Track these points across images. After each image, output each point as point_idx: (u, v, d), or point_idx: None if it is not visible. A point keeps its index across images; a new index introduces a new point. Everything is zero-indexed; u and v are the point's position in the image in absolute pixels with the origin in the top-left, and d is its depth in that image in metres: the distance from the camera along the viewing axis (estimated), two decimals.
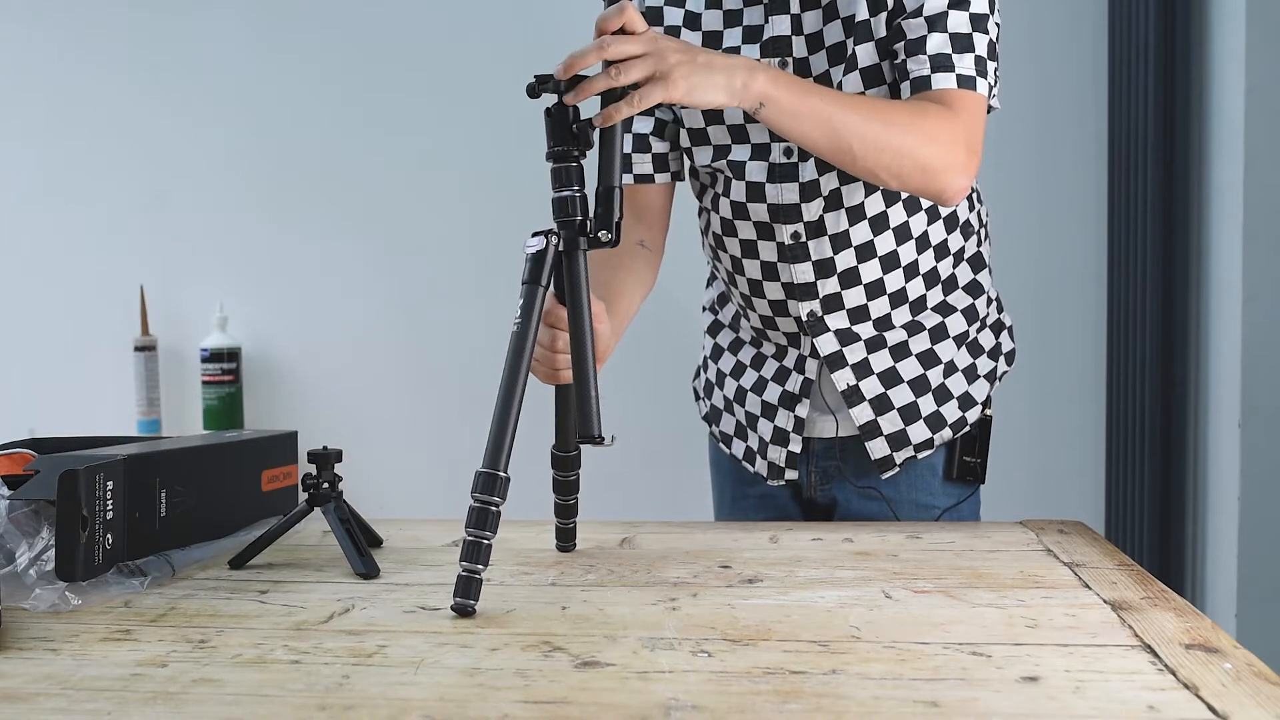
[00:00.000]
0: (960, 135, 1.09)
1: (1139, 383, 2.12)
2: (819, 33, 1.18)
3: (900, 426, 1.27)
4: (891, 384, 1.27)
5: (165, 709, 0.69)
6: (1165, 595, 0.92)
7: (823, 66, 1.18)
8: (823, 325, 1.26)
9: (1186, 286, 2.09)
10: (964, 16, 1.12)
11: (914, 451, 1.28)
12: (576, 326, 0.96)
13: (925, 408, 1.27)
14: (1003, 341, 1.34)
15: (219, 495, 1.15)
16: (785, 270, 1.25)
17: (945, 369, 1.28)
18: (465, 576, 0.89)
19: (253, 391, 2.49)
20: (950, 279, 1.29)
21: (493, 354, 2.80)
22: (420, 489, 2.37)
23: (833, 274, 1.24)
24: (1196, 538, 2.08)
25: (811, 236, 1.23)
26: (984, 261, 1.33)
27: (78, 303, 2.53)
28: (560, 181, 0.97)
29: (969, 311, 1.30)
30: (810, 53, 1.19)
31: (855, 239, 1.22)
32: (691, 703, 0.68)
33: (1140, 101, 2.08)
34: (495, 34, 2.39)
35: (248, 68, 2.46)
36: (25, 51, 2.51)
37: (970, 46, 1.12)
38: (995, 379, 1.32)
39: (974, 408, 1.30)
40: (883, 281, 1.25)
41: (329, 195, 2.46)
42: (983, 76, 1.13)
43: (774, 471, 1.32)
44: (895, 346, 1.27)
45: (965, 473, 1.31)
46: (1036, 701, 0.68)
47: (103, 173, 2.51)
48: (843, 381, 1.26)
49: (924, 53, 1.12)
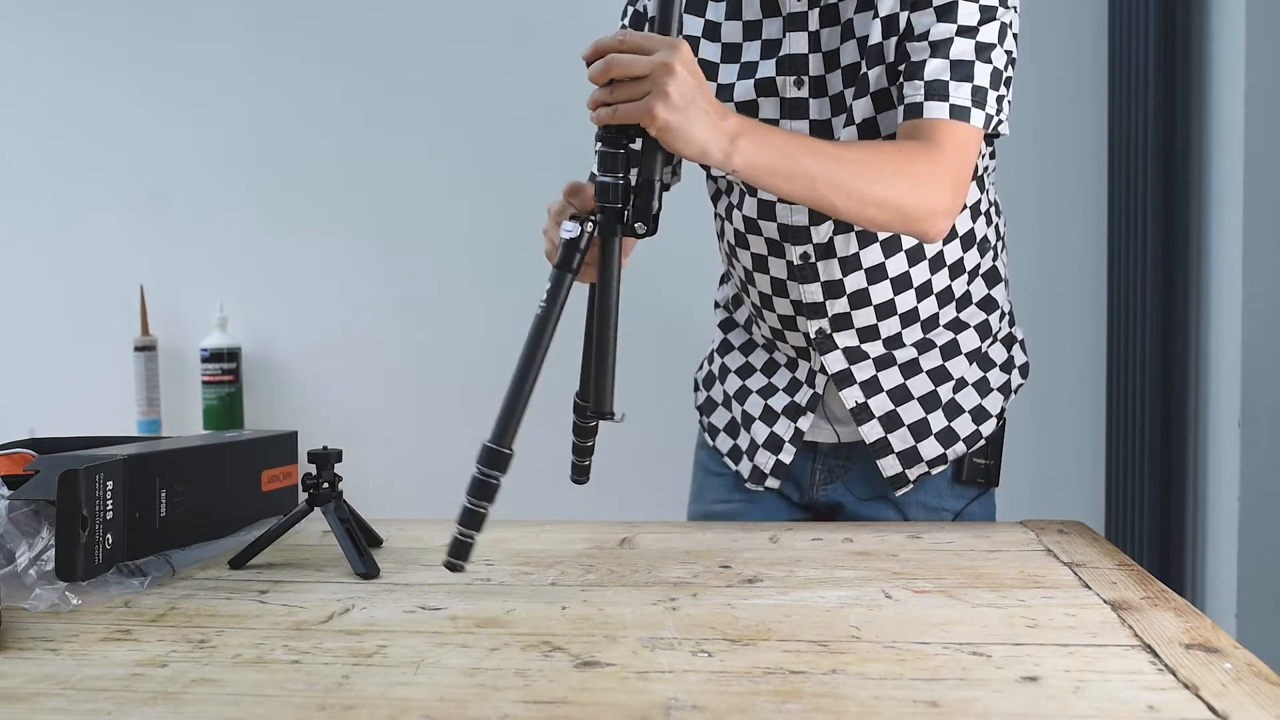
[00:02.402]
0: (944, 177, 1.08)
1: (1139, 383, 2.12)
2: (835, 51, 1.16)
3: (911, 443, 1.26)
4: (901, 401, 1.25)
5: (165, 709, 0.69)
6: (1165, 595, 0.92)
7: (838, 87, 1.16)
8: (831, 343, 1.25)
9: (1186, 287, 2.09)
10: (969, 44, 1.09)
11: (927, 468, 1.27)
12: (604, 306, 0.99)
13: (936, 424, 1.26)
14: (1015, 355, 1.32)
15: (219, 495, 1.15)
16: (794, 289, 1.24)
17: (956, 384, 1.27)
18: (459, 540, 0.93)
19: (253, 391, 2.49)
20: (965, 295, 1.28)
21: (493, 354, 2.80)
22: (420, 489, 2.36)
23: (842, 295, 1.23)
24: (1196, 538, 2.08)
25: (821, 258, 1.21)
26: (999, 275, 1.31)
27: (78, 303, 2.53)
28: (606, 166, 0.98)
29: (982, 327, 1.29)
30: (827, 71, 1.17)
31: (866, 261, 1.21)
32: (691, 703, 0.68)
33: (1140, 101, 2.08)
34: (495, 34, 2.39)
35: (248, 68, 2.46)
36: (26, 51, 2.51)
37: (970, 75, 1.09)
38: (1010, 392, 1.30)
39: (988, 420, 1.28)
40: (894, 302, 1.23)
41: (329, 195, 2.46)
42: (979, 107, 1.09)
43: (756, 475, 1.31)
44: (905, 364, 1.26)
45: (976, 475, 1.29)
46: (1036, 701, 0.68)
47: (103, 173, 2.51)
48: (851, 400, 1.25)
49: (920, 78, 1.09)
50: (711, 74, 1.21)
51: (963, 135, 1.09)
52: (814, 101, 1.17)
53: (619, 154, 0.97)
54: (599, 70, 0.96)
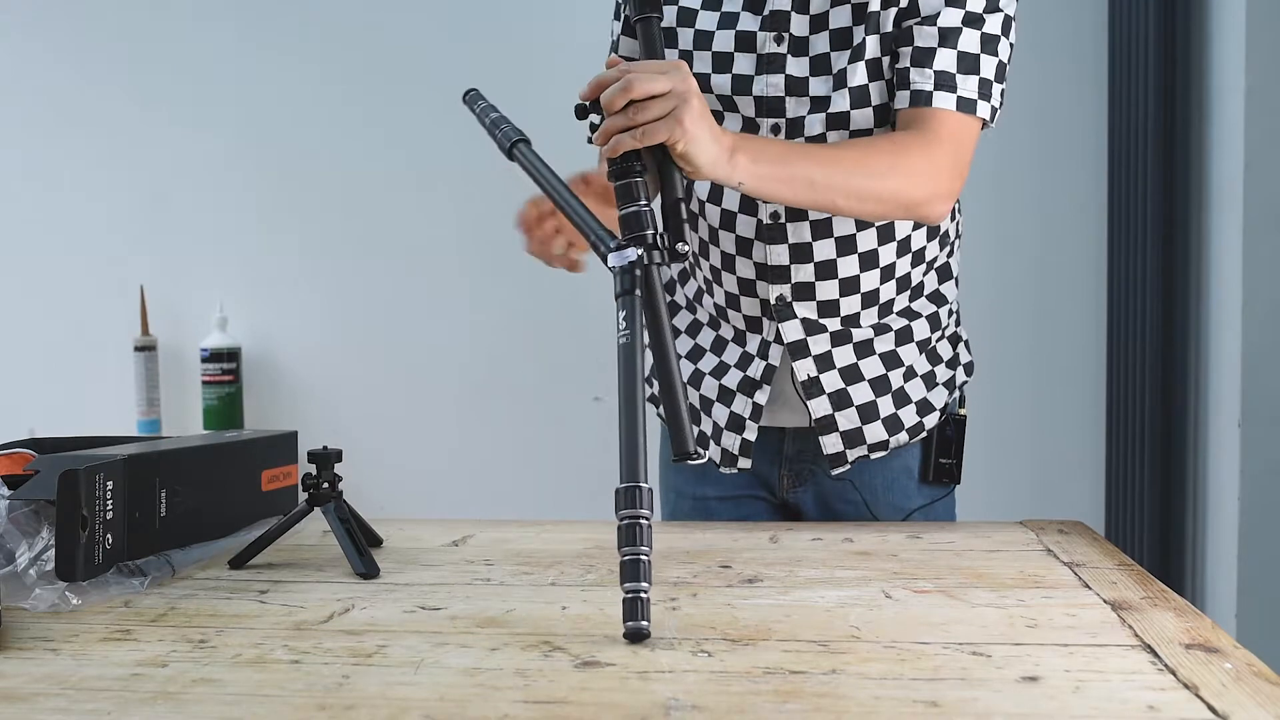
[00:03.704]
0: (943, 164, 1.12)
1: (1139, 383, 2.12)
2: (824, 14, 1.17)
3: (857, 424, 1.26)
4: (852, 380, 1.26)
5: (165, 709, 0.69)
6: (1165, 595, 0.92)
7: (823, 48, 1.17)
8: (790, 311, 1.25)
9: (1187, 286, 2.09)
10: (976, 36, 1.13)
11: (867, 452, 1.28)
12: (659, 344, 0.92)
13: (884, 409, 1.27)
14: (960, 353, 1.34)
15: (219, 495, 1.15)
16: (760, 249, 1.24)
17: (906, 373, 1.28)
18: (630, 599, 0.81)
19: (253, 391, 2.49)
20: (919, 286, 1.29)
21: (492, 354, 2.80)
22: (420, 489, 2.37)
23: (809, 261, 1.23)
24: (1196, 538, 2.08)
25: (791, 219, 1.22)
26: (951, 272, 1.33)
27: (78, 303, 2.53)
28: (630, 196, 0.95)
29: (932, 319, 1.30)
30: (812, 32, 1.17)
31: (837, 230, 1.22)
32: (691, 703, 0.68)
33: (1140, 101, 2.08)
34: (494, 39, 2.39)
35: (247, 69, 2.46)
36: (25, 52, 2.51)
37: (976, 68, 1.13)
38: (955, 388, 1.32)
39: (931, 414, 1.30)
40: (858, 279, 1.24)
41: (329, 196, 2.46)
42: (985, 99, 1.13)
43: (726, 458, 1.31)
44: (860, 344, 1.27)
45: (941, 474, 1.31)
46: (1036, 701, 0.68)
47: (103, 173, 2.51)
48: (803, 371, 1.26)
49: (930, 66, 1.12)
50: (690, 19, 1.21)
51: (965, 125, 1.14)
52: (792, 59, 1.18)
53: (637, 181, 0.95)
54: (618, 93, 0.95)
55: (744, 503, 1.34)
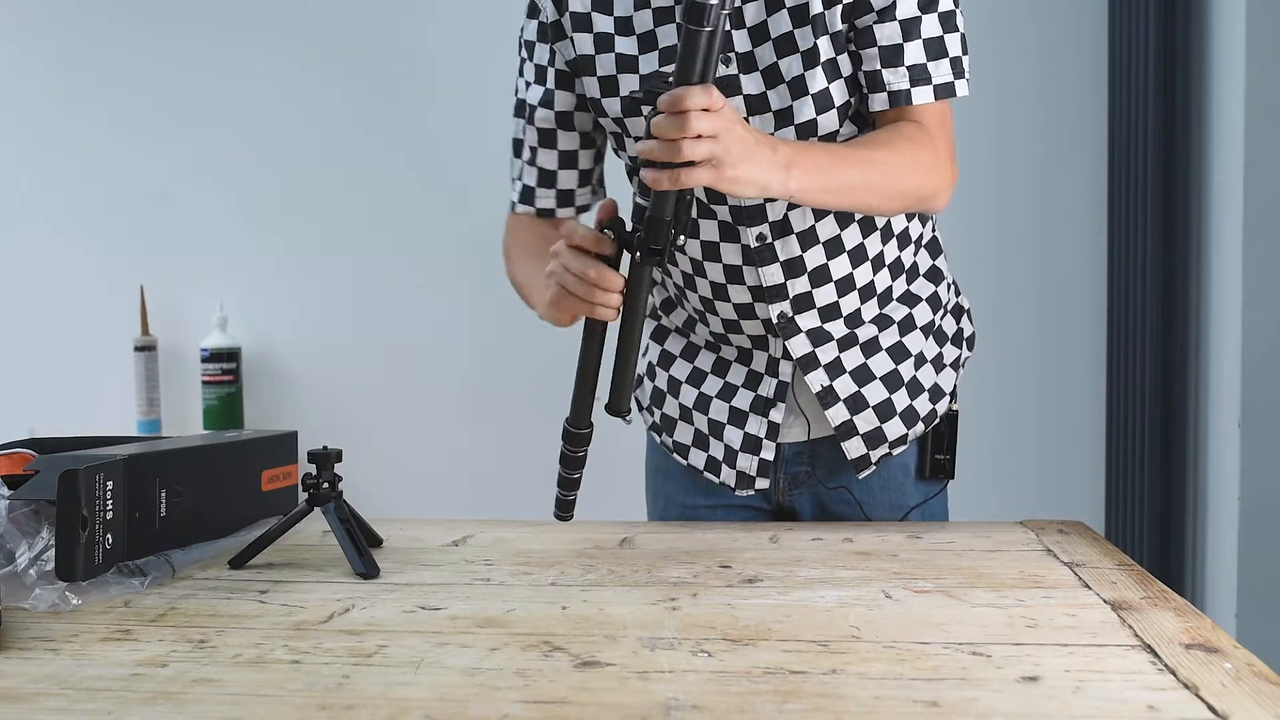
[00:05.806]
0: (944, 155, 1.16)
1: (1139, 383, 2.12)
2: (763, 24, 1.14)
3: (876, 424, 1.26)
4: (865, 381, 1.26)
5: (165, 709, 0.69)
6: (1165, 595, 0.92)
7: (770, 59, 1.14)
8: (794, 326, 1.24)
9: (1187, 287, 2.09)
10: (934, 19, 1.14)
11: (889, 449, 1.28)
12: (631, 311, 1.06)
13: (900, 403, 1.27)
14: (963, 326, 1.35)
15: (219, 495, 1.15)
16: (751, 273, 1.22)
17: (915, 361, 1.28)
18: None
19: (253, 391, 2.49)
20: (913, 267, 1.29)
21: (493, 354, 2.79)
22: (420, 489, 2.37)
23: (803, 273, 1.21)
24: (1196, 538, 2.08)
25: (778, 236, 1.20)
26: (939, 247, 1.34)
27: (78, 303, 2.53)
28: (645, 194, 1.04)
29: (932, 299, 1.30)
30: (755, 45, 1.14)
31: (823, 234, 1.20)
32: (691, 703, 0.68)
33: (1140, 101, 2.08)
34: (494, 38, 2.39)
35: (248, 70, 2.46)
36: (26, 51, 2.51)
37: (944, 51, 1.14)
38: (959, 367, 1.33)
39: (943, 399, 1.30)
40: (852, 276, 1.23)
41: (329, 196, 2.46)
42: (959, 77, 1.16)
43: (743, 481, 1.29)
44: (866, 343, 1.26)
45: (937, 470, 1.32)
46: (1036, 701, 0.68)
47: (103, 173, 2.51)
48: (816, 383, 1.25)
49: (902, 64, 1.13)
50: (632, 66, 1.18)
51: (946, 109, 1.18)
52: (745, 78, 1.15)
53: None
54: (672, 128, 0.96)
55: (734, 511, 1.33)
